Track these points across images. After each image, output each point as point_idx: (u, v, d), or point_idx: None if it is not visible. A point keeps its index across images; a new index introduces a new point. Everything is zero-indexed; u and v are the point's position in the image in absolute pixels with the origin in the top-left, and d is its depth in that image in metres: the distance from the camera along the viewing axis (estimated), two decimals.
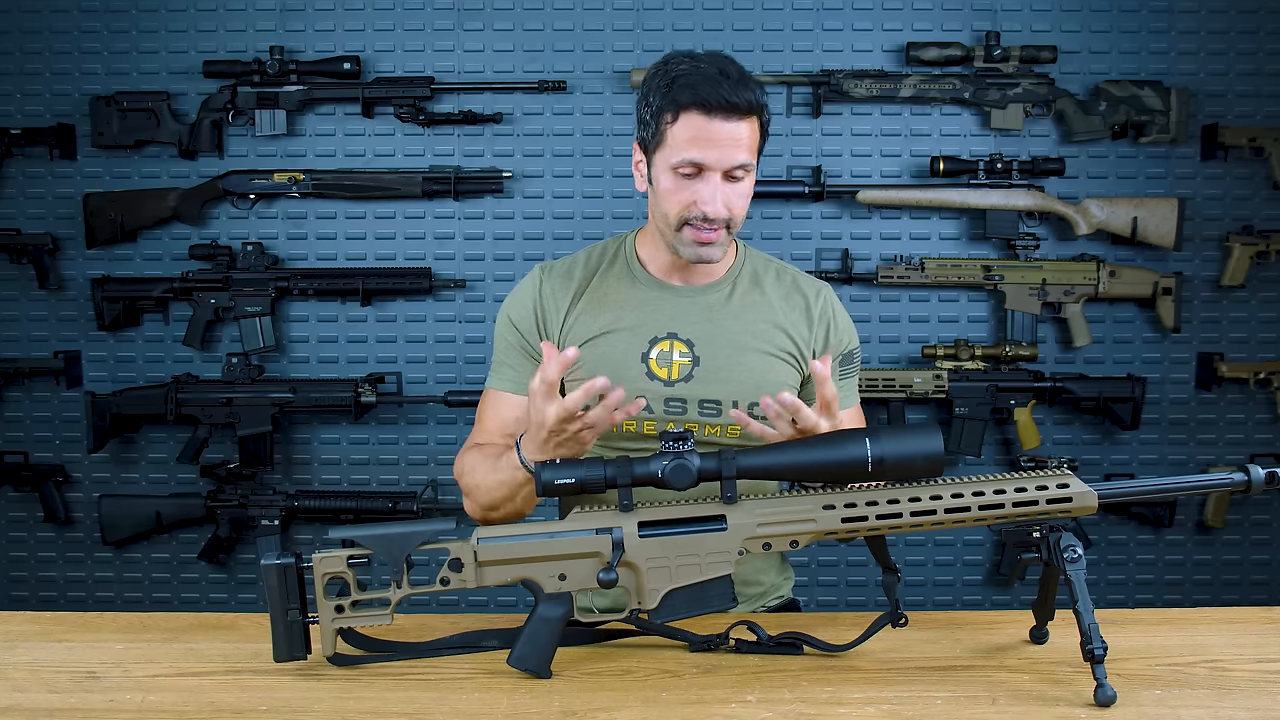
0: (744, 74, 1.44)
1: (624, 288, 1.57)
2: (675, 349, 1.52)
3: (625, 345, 1.53)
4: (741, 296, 1.57)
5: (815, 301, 1.59)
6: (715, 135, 1.41)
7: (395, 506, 2.77)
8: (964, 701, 1.16)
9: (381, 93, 2.77)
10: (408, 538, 1.23)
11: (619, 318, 1.54)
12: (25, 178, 2.87)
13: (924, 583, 2.93)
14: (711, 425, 1.52)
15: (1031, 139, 2.82)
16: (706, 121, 1.41)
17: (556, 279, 1.59)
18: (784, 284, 1.60)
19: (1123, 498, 1.24)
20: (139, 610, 2.86)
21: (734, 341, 1.53)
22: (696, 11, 2.81)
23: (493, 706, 1.17)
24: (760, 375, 1.53)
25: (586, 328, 1.55)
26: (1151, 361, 2.88)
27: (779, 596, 1.71)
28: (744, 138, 1.43)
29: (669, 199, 1.47)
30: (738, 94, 1.40)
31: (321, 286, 2.80)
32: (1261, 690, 1.19)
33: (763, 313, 1.56)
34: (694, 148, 1.42)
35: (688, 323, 1.54)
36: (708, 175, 1.44)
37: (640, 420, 1.51)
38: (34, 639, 1.38)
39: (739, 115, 1.41)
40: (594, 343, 1.54)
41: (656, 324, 1.54)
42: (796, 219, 2.84)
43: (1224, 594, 2.92)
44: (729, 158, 1.42)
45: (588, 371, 1.51)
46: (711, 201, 1.43)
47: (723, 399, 1.51)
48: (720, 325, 1.54)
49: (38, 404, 2.93)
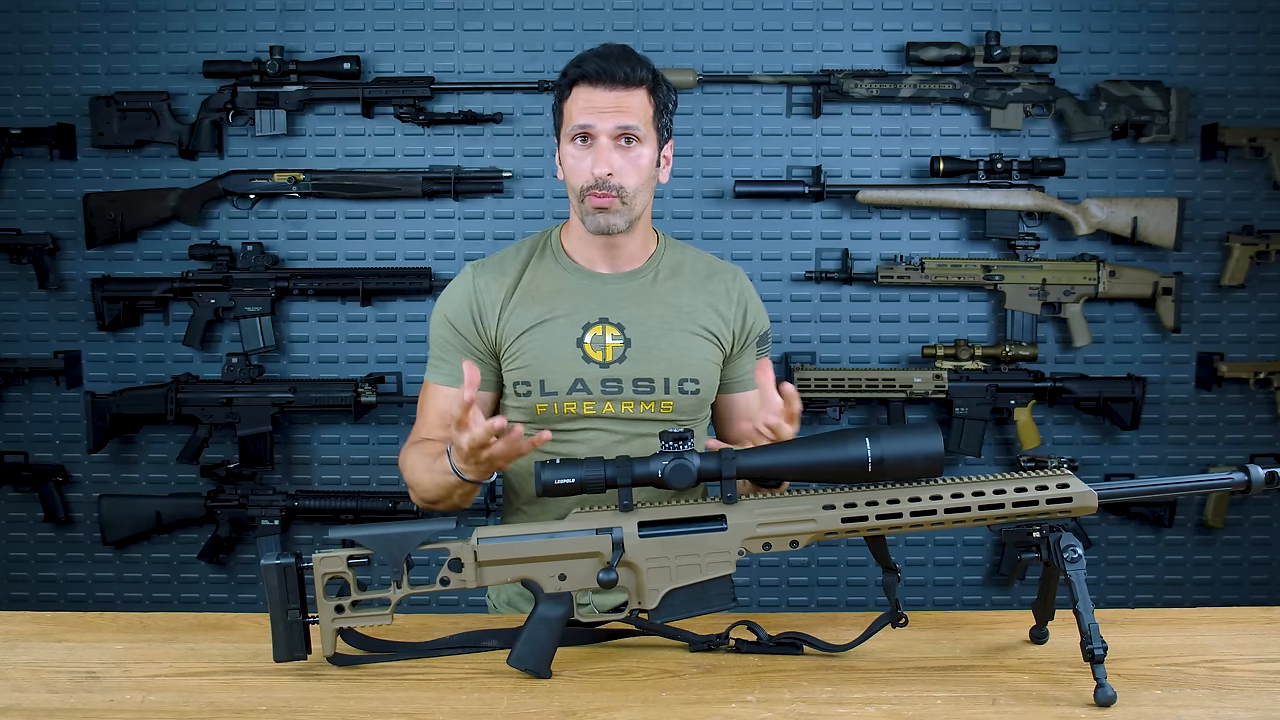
0: (630, 53, 1.57)
1: (555, 279, 1.65)
2: (608, 333, 1.60)
3: (560, 332, 1.60)
4: (664, 281, 1.66)
5: (732, 285, 1.69)
6: (599, 102, 1.54)
7: (395, 506, 2.77)
8: (964, 701, 1.17)
9: (381, 93, 2.77)
10: (408, 538, 1.23)
11: (553, 307, 1.62)
12: (25, 178, 2.87)
13: (924, 583, 2.93)
14: (646, 402, 1.60)
15: (1031, 139, 2.82)
16: (591, 90, 1.55)
17: (489, 275, 1.66)
18: (701, 269, 1.69)
19: (1123, 498, 1.24)
20: (139, 610, 2.86)
21: (662, 322, 1.62)
22: (696, 11, 2.81)
23: (493, 706, 1.17)
24: (687, 353, 1.62)
25: (522, 319, 1.61)
26: (1151, 361, 2.88)
27: None
28: (630, 106, 1.55)
29: (570, 172, 1.59)
30: (618, 66, 1.54)
31: (321, 286, 2.80)
32: (1261, 690, 1.19)
33: (685, 296, 1.65)
34: (583, 114, 1.55)
35: (617, 307, 1.62)
36: (598, 142, 1.55)
37: (579, 402, 1.59)
38: (34, 639, 1.38)
39: (622, 85, 1.54)
40: (530, 333, 1.61)
41: (588, 310, 1.61)
42: (796, 219, 2.84)
43: (1224, 594, 2.92)
44: (613, 119, 1.54)
45: (525, 359, 1.60)
46: (598, 163, 1.54)
47: (654, 376, 1.60)
48: (648, 308, 1.62)
49: (38, 404, 2.93)
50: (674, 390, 1.60)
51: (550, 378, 1.58)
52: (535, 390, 1.59)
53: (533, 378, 1.59)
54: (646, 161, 1.57)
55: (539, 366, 1.59)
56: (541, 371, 1.58)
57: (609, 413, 1.59)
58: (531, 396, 1.59)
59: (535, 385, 1.59)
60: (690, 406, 1.62)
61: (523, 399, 1.60)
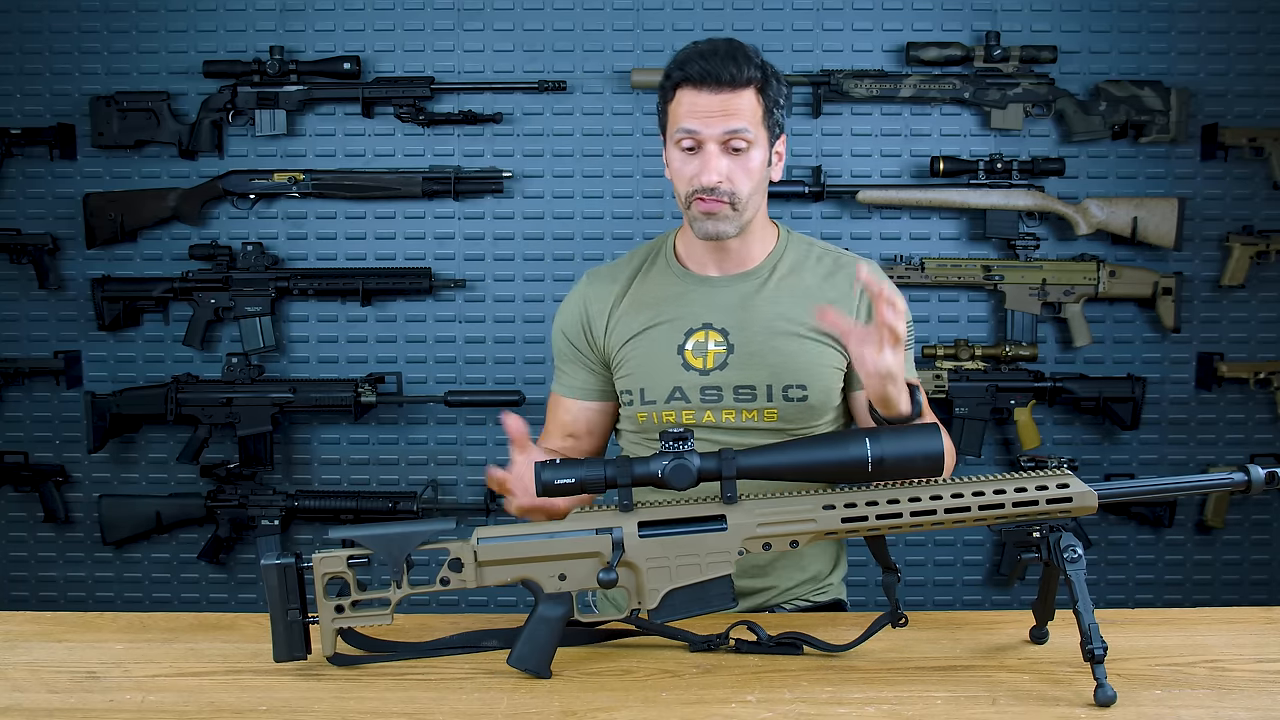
0: (736, 49, 1.48)
1: (663, 284, 1.60)
2: (710, 339, 1.55)
3: (662, 339, 1.56)
4: (778, 282, 1.58)
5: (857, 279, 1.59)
6: (705, 105, 1.46)
7: (395, 506, 2.77)
8: (964, 701, 1.17)
9: (381, 93, 2.77)
10: (408, 538, 1.23)
11: (657, 314, 1.57)
12: (25, 178, 2.87)
13: (924, 583, 2.93)
14: (748, 410, 1.53)
15: (1031, 139, 2.82)
16: (696, 94, 1.47)
17: (601, 283, 1.62)
18: (824, 265, 1.61)
19: (1123, 498, 1.24)
20: (139, 610, 2.86)
21: (768, 327, 1.54)
22: (696, 11, 2.81)
23: (493, 706, 1.17)
24: (795, 358, 1.53)
25: (628, 327, 1.58)
26: (1151, 361, 2.87)
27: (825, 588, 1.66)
28: (738, 108, 1.47)
29: (676, 178, 1.51)
30: (724, 66, 1.46)
31: (321, 286, 2.80)
32: (1261, 690, 1.19)
33: (800, 296, 1.56)
34: (688, 118, 1.47)
35: (722, 312, 1.56)
36: (706, 147, 1.47)
37: (678, 410, 1.54)
38: (34, 639, 1.38)
39: (728, 86, 1.46)
40: (634, 341, 1.57)
41: (692, 316, 1.56)
42: (796, 219, 2.84)
43: (1224, 594, 2.92)
44: (721, 124, 1.46)
45: (629, 367, 1.56)
46: (705, 171, 1.47)
47: (757, 384, 1.53)
48: (754, 312, 1.55)
49: (38, 404, 2.93)
50: (777, 397, 1.52)
51: (649, 386, 1.54)
52: (636, 399, 1.55)
53: (634, 386, 1.55)
54: (758, 164, 1.49)
55: (640, 375, 1.55)
56: (642, 380, 1.55)
57: (709, 422, 1.53)
58: (633, 406, 1.56)
59: (636, 394, 1.55)
60: (798, 414, 1.53)
61: (627, 408, 1.58)
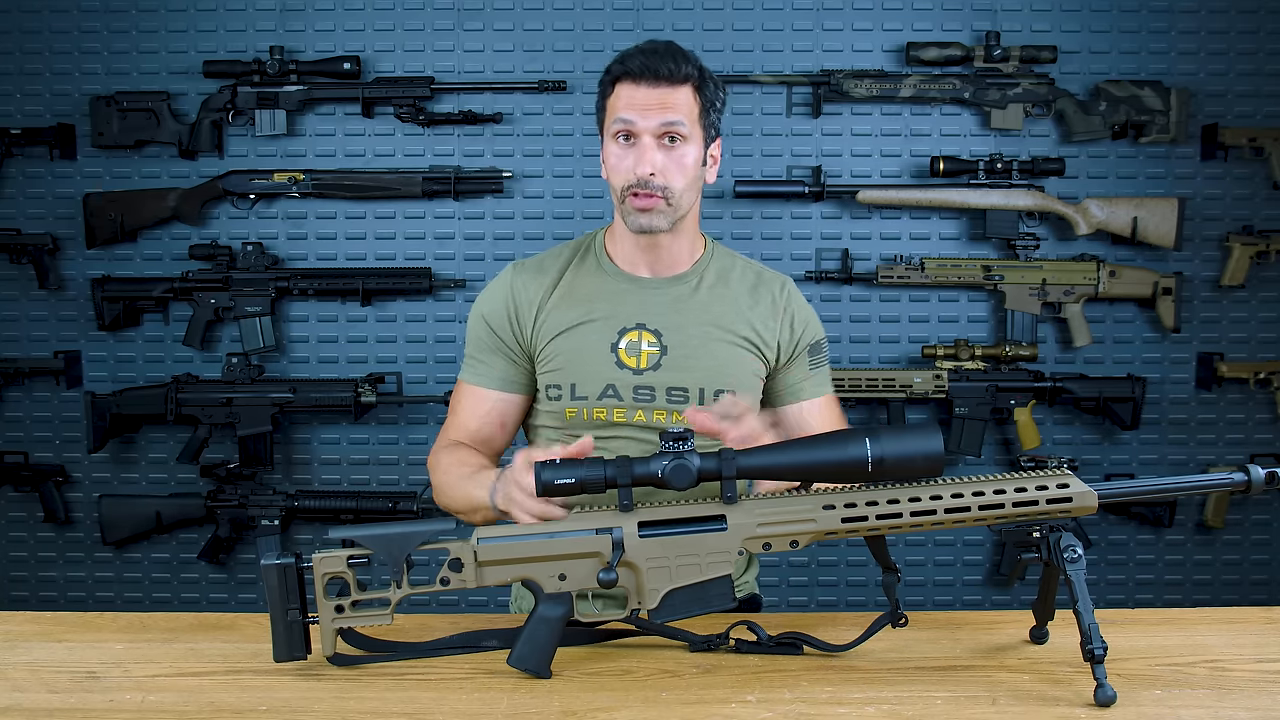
0: (675, 48, 1.52)
1: (594, 281, 1.61)
2: (644, 339, 1.56)
3: (596, 336, 1.57)
4: (708, 289, 1.61)
5: (780, 294, 1.64)
6: (642, 99, 1.49)
7: (395, 506, 2.77)
8: (964, 701, 1.16)
9: (381, 93, 2.77)
10: (408, 538, 1.23)
11: (590, 310, 1.58)
12: (25, 178, 2.87)
13: (924, 583, 2.93)
14: (679, 413, 1.55)
15: (1031, 139, 2.82)
16: (634, 88, 1.50)
17: (528, 275, 1.63)
18: (749, 278, 1.64)
19: (1123, 498, 1.24)
20: (139, 610, 2.86)
21: (701, 331, 1.57)
22: (696, 11, 2.81)
23: (493, 706, 1.17)
24: (726, 364, 1.57)
25: (558, 321, 1.58)
26: (1151, 361, 2.88)
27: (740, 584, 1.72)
28: (674, 103, 1.50)
29: (612, 170, 1.54)
30: (662, 62, 1.49)
31: (321, 286, 2.80)
32: (1261, 690, 1.19)
33: (728, 305, 1.60)
34: (625, 110, 1.50)
35: (655, 313, 1.57)
36: (641, 140, 1.50)
37: (610, 409, 1.55)
38: (34, 639, 1.38)
39: (666, 82, 1.49)
40: (566, 335, 1.57)
41: (625, 315, 1.58)
42: (796, 219, 2.84)
43: (1224, 594, 2.92)
44: (656, 116, 1.49)
45: (559, 361, 1.56)
46: (640, 162, 1.49)
47: (689, 386, 1.55)
48: (687, 315, 1.58)
49: (38, 404, 2.93)
50: (708, 401, 1.54)
51: (581, 382, 1.54)
52: (565, 394, 1.55)
53: (564, 381, 1.55)
54: (691, 160, 1.52)
55: (571, 370, 1.55)
56: (573, 375, 1.55)
57: (640, 421, 1.54)
58: (561, 400, 1.56)
59: (566, 389, 1.55)
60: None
61: (553, 403, 1.57)
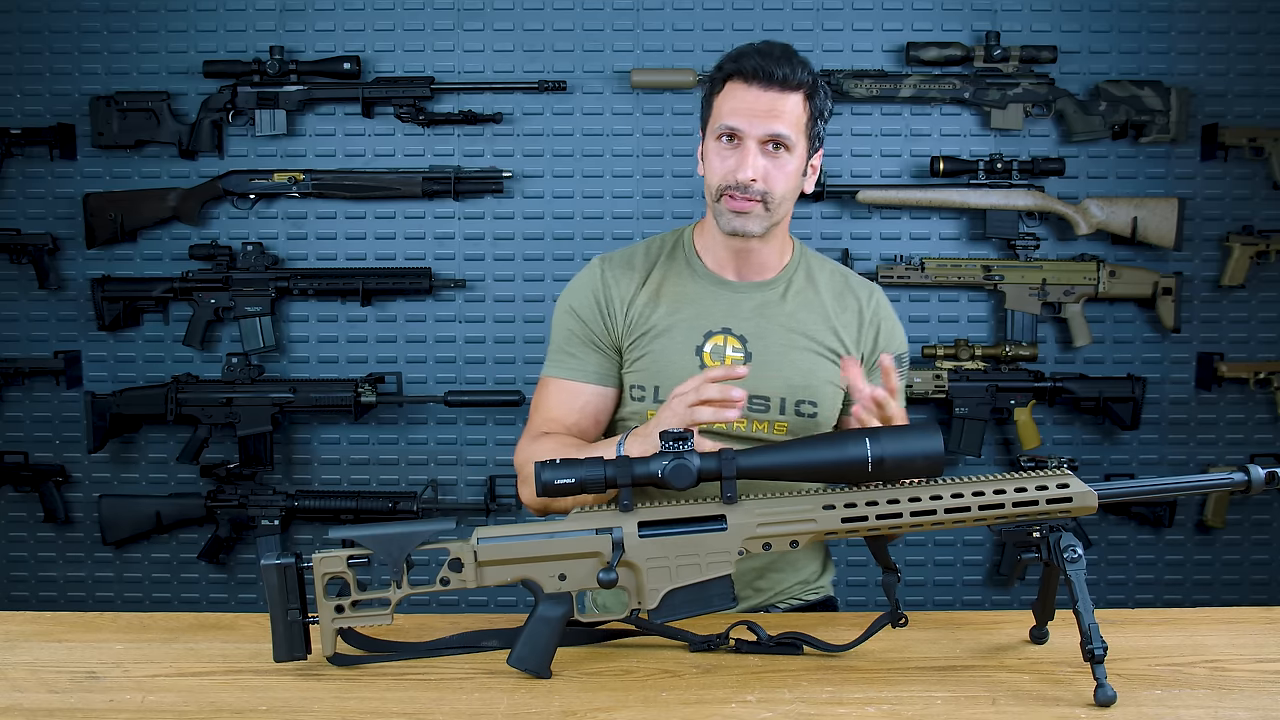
0: (792, 53, 1.48)
1: (682, 281, 1.58)
2: (729, 344, 1.54)
3: (681, 338, 1.55)
4: (795, 295, 1.58)
5: (867, 304, 1.61)
6: (752, 103, 1.45)
7: (395, 506, 2.77)
8: (964, 701, 1.16)
9: (381, 93, 2.77)
10: (408, 538, 1.23)
11: (676, 310, 1.56)
12: (25, 178, 2.87)
13: (924, 583, 2.93)
14: (759, 421, 1.53)
15: (1031, 139, 2.82)
16: (745, 89, 1.46)
17: (617, 269, 1.60)
18: (837, 284, 1.62)
19: (1123, 498, 1.24)
20: (139, 610, 2.86)
21: (785, 339, 1.55)
22: (696, 12, 2.81)
23: (493, 706, 1.17)
24: (809, 374, 1.55)
25: (646, 320, 1.56)
26: (1151, 361, 2.88)
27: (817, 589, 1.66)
28: (784, 110, 1.46)
29: (710, 170, 1.50)
30: (778, 66, 1.45)
31: (321, 286, 2.80)
32: (1261, 690, 1.19)
33: (815, 312, 1.57)
34: (732, 115, 1.47)
35: (742, 318, 1.55)
36: (745, 144, 1.47)
37: None
38: (34, 639, 1.38)
39: (778, 86, 1.45)
40: (652, 335, 1.56)
41: (712, 318, 1.55)
42: (797, 219, 2.81)
43: (1224, 594, 2.92)
44: (764, 125, 1.45)
45: (644, 363, 1.54)
46: (742, 167, 1.46)
47: (771, 395, 1.53)
48: (773, 322, 1.55)
49: (38, 404, 2.93)
50: (789, 411, 1.53)
51: (666, 384, 1.51)
52: (649, 396, 1.54)
53: (648, 382, 1.54)
54: (794, 169, 1.49)
55: (656, 371, 1.53)
56: (656, 377, 1.53)
57: (720, 429, 1.48)
58: (645, 402, 1.54)
59: (650, 390, 1.54)
60: (805, 430, 1.53)
61: (636, 403, 1.55)
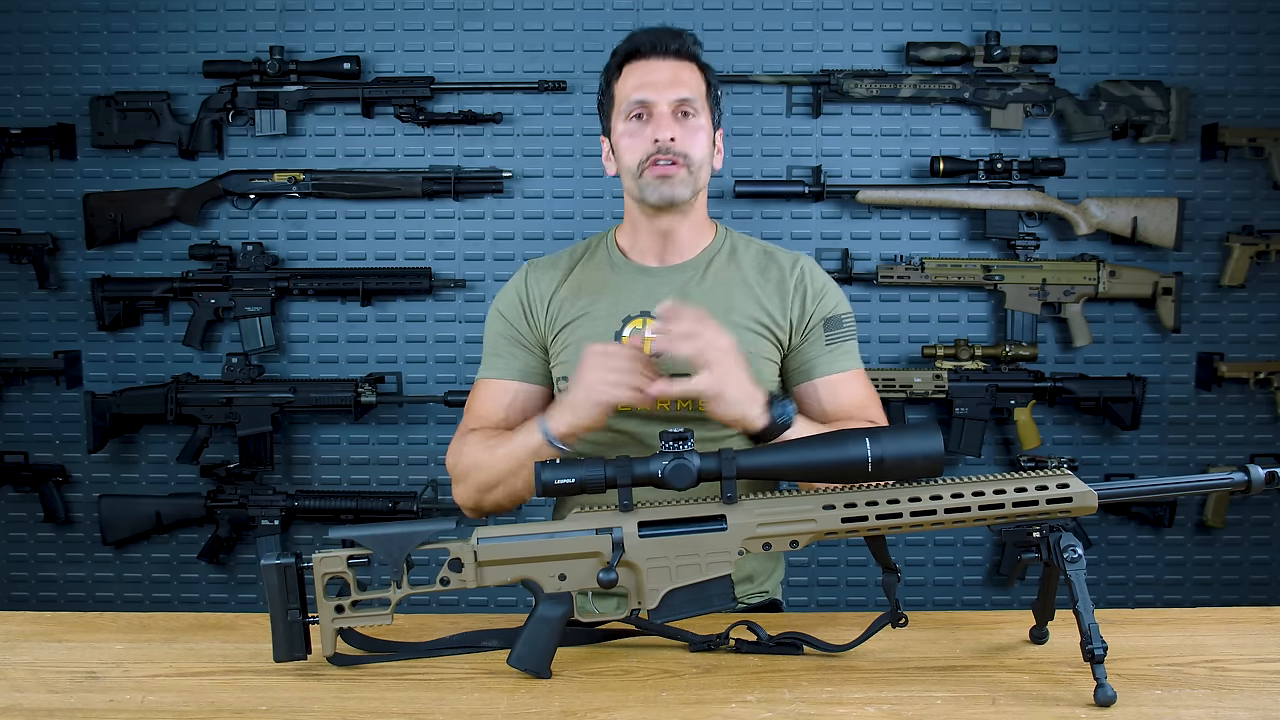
0: (676, 29, 1.55)
1: (602, 274, 1.62)
2: (648, 326, 1.55)
3: (600, 325, 1.58)
4: (716, 273, 1.60)
5: (791, 272, 1.61)
6: (656, 74, 1.52)
7: (395, 506, 2.77)
8: (964, 701, 1.16)
9: (381, 93, 2.77)
10: (408, 538, 1.23)
11: (595, 300, 1.60)
12: (25, 178, 2.87)
13: (924, 583, 2.93)
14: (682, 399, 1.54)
15: (1031, 139, 2.82)
16: (645, 63, 1.53)
17: (541, 271, 1.65)
18: (760, 259, 1.63)
19: (1123, 498, 1.24)
20: (139, 610, 2.86)
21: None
22: (696, 11, 2.81)
23: (493, 706, 1.17)
24: None
25: (566, 312, 1.60)
26: (1151, 361, 2.88)
27: (760, 593, 1.68)
28: (686, 79, 1.52)
29: (626, 150, 1.54)
30: (671, 39, 1.52)
31: (321, 286, 2.80)
32: (1261, 690, 1.19)
33: (735, 287, 1.59)
34: (639, 89, 1.52)
35: (660, 300, 1.55)
36: (657, 111, 1.51)
37: None
38: (34, 639, 1.37)
39: (674, 56, 1.52)
40: (572, 326, 1.59)
41: (630, 304, 1.59)
42: (796, 219, 2.84)
43: (1224, 594, 2.92)
44: (671, 91, 1.51)
45: (567, 354, 1.58)
46: (659, 129, 1.50)
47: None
48: (691, 300, 1.56)
49: (38, 404, 2.93)
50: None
51: None
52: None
53: (571, 372, 1.53)
54: (705, 137, 1.53)
55: (577, 360, 1.53)
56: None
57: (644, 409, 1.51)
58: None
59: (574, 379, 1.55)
60: None
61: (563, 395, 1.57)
